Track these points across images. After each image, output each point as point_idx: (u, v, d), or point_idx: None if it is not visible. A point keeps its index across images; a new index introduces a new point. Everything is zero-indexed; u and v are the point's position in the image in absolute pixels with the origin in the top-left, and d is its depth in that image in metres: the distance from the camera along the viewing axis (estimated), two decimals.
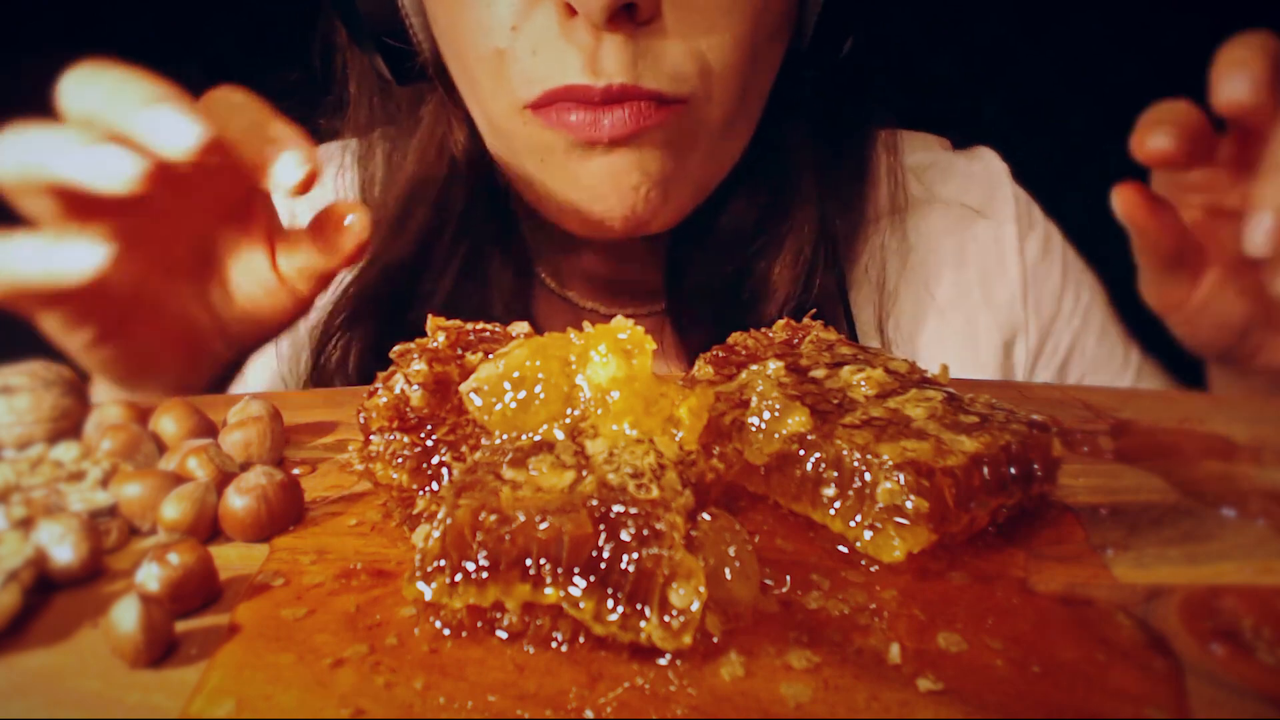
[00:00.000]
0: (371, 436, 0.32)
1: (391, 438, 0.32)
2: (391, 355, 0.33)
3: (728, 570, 0.27)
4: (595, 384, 0.30)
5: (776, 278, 0.59)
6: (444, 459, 0.31)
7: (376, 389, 0.32)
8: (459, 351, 0.33)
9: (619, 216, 0.51)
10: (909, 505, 0.30)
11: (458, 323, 0.35)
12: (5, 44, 0.90)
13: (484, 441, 0.31)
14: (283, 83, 0.56)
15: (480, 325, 0.35)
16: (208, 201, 0.46)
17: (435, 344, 0.33)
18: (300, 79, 0.62)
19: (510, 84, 0.49)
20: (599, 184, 0.50)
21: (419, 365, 0.32)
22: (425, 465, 0.31)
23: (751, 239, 0.59)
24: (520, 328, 0.35)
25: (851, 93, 0.61)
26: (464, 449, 0.31)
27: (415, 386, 0.32)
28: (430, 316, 0.35)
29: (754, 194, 0.59)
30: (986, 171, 0.69)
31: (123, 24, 0.92)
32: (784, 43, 0.54)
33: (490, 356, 0.32)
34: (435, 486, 0.31)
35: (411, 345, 0.33)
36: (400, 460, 0.31)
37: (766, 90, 0.55)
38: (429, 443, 0.32)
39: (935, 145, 0.71)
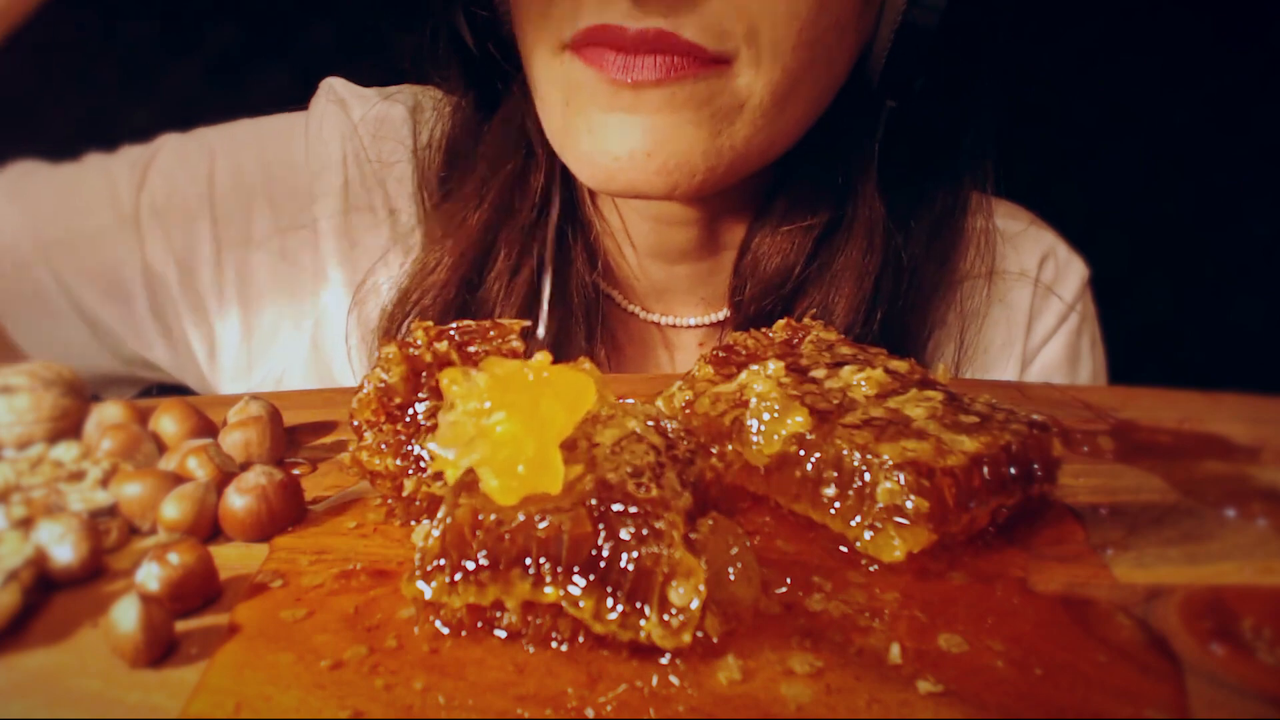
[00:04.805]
0: (365, 434, 0.33)
1: (379, 431, 0.33)
2: (376, 359, 0.34)
3: (730, 571, 0.27)
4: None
5: (832, 303, 0.58)
6: (427, 445, 0.32)
7: (362, 386, 0.33)
8: (431, 344, 0.34)
9: (628, 178, 0.50)
10: (909, 505, 0.30)
11: (436, 327, 0.35)
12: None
13: None
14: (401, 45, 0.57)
15: (464, 322, 0.35)
16: None
17: (416, 347, 0.34)
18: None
19: (553, 22, 0.49)
20: (615, 139, 0.49)
21: (392, 350, 0.33)
22: (410, 447, 0.32)
23: (805, 264, 0.59)
24: (517, 325, 0.35)
25: (937, 124, 0.59)
26: None
27: (391, 371, 0.33)
28: (416, 322, 0.35)
29: (812, 213, 0.58)
30: (1055, 252, 0.69)
31: None
32: (853, 41, 0.52)
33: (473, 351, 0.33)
34: (423, 466, 0.32)
35: (393, 348, 0.34)
36: (385, 446, 0.32)
37: (826, 86, 0.53)
38: (410, 418, 0.33)
39: (1024, 216, 0.70)
